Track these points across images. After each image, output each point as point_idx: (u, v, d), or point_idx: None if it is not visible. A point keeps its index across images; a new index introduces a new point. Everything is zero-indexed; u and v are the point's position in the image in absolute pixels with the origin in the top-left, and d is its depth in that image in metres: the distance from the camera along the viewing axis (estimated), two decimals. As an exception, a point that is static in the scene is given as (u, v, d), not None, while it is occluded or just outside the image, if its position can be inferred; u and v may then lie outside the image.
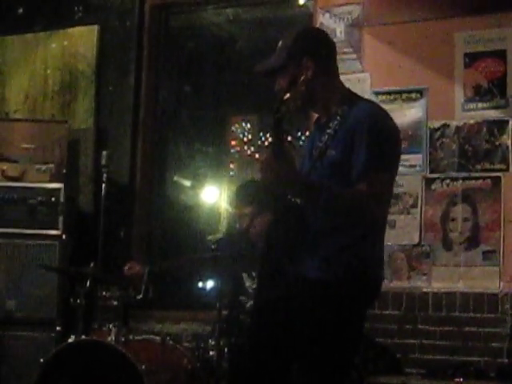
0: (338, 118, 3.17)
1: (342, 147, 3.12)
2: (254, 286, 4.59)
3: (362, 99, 3.31)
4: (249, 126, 6.60)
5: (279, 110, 3.06)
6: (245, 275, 4.76)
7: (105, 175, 5.09)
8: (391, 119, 3.26)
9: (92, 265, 4.70)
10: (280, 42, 3.34)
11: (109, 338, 4.37)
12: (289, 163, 3.04)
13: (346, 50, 5.56)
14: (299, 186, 3.07)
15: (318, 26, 5.64)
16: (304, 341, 3.11)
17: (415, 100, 5.39)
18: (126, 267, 4.76)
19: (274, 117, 3.07)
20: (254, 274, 4.66)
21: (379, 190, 3.09)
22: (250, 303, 4.54)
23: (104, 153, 5.20)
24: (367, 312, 3.25)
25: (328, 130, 3.19)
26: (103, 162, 5.16)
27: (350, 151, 3.10)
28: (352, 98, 3.29)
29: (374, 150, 3.08)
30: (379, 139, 3.11)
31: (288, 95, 3.09)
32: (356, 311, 3.16)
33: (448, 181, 5.27)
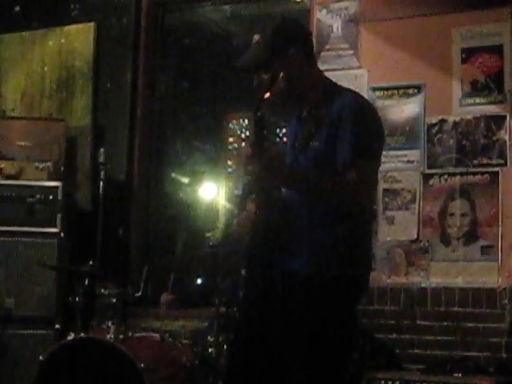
0: (321, 109, 3.16)
1: (326, 138, 3.10)
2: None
3: (343, 89, 3.28)
4: (246, 122, 6.58)
5: (260, 109, 3.04)
6: (244, 271, 4.75)
7: (102, 173, 5.10)
8: (374, 108, 3.27)
9: (90, 262, 4.71)
10: (256, 36, 3.29)
11: (107, 336, 4.37)
12: (273, 153, 3.03)
13: (342, 45, 5.56)
14: (285, 173, 3.06)
15: (314, 21, 5.65)
16: (295, 337, 3.10)
17: (412, 95, 5.39)
18: (163, 297, 4.82)
19: (255, 115, 3.05)
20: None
21: (365, 179, 3.09)
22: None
23: (101, 150, 5.20)
24: (365, 307, 3.25)
25: (310, 122, 3.18)
26: (101, 159, 5.16)
27: (335, 141, 3.09)
28: (333, 88, 3.26)
29: (359, 138, 3.07)
30: (363, 128, 3.10)
31: (268, 94, 3.06)
32: (346, 305, 3.14)
33: (446, 176, 5.27)
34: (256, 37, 3.28)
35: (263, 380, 3.19)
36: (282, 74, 3.13)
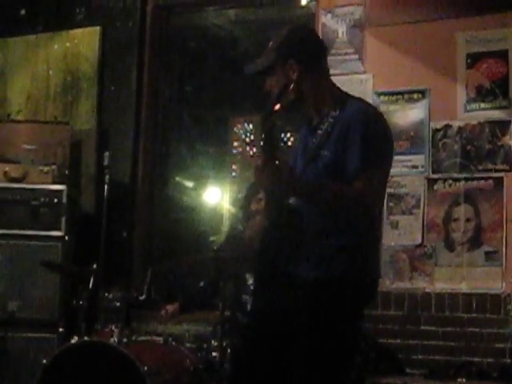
0: (330, 118, 3.17)
1: (336, 148, 3.11)
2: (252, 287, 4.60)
3: (352, 98, 3.28)
4: (251, 126, 6.59)
5: (269, 120, 3.05)
6: (249, 276, 4.76)
7: (107, 176, 5.09)
8: (383, 117, 3.26)
9: (94, 266, 4.70)
10: (270, 42, 3.33)
11: (111, 339, 4.37)
12: (283, 164, 3.04)
13: (347, 50, 5.57)
14: (295, 184, 3.07)
15: (319, 26, 5.65)
16: (302, 341, 3.10)
17: (417, 101, 5.39)
18: (163, 312, 4.83)
19: (265, 126, 3.06)
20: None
21: (375, 188, 3.09)
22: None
23: (106, 154, 5.19)
24: (369, 312, 3.25)
25: (319, 131, 3.19)
26: (105, 162, 5.16)
27: (344, 150, 3.10)
28: (343, 97, 3.27)
29: (368, 147, 3.07)
30: (373, 137, 3.10)
31: (278, 106, 3.07)
32: (353, 311, 3.14)
33: (450, 181, 5.27)
34: (270, 43, 3.31)
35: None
36: (291, 84, 3.14)
